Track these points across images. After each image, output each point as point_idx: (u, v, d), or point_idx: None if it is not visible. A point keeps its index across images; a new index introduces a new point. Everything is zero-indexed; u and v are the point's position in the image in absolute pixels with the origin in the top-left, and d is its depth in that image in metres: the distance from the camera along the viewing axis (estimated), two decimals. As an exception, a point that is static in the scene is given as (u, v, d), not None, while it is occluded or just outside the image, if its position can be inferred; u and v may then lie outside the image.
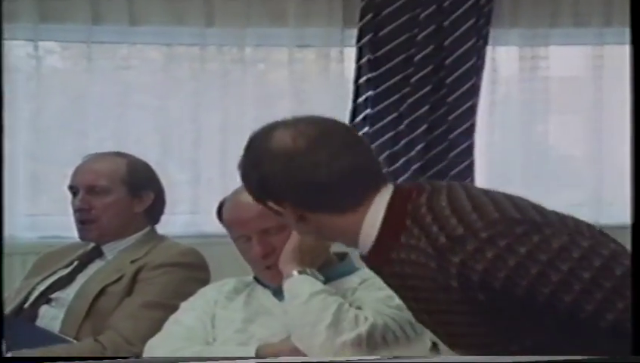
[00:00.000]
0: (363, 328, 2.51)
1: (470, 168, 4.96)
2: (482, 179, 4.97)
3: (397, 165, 4.94)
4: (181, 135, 4.83)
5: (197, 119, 4.83)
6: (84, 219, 3.12)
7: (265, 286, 2.79)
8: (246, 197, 2.66)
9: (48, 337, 2.96)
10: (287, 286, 2.62)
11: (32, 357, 2.42)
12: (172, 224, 3.81)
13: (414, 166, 4.93)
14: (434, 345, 2.77)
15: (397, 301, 2.58)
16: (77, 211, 3.12)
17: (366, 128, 4.93)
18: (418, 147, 4.94)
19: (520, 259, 2.02)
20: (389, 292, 2.60)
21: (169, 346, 2.70)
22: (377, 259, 2.22)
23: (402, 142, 4.95)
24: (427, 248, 2.09)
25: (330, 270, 2.75)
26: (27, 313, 3.07)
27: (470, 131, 4.98)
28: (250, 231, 2.68)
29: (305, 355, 2.56)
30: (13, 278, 3.35)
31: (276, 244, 2.67)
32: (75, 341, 2.95)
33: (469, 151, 4.97)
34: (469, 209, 2.09)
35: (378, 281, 2.67)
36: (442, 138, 4.96)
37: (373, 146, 4.89)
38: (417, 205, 2.16)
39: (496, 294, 2.05)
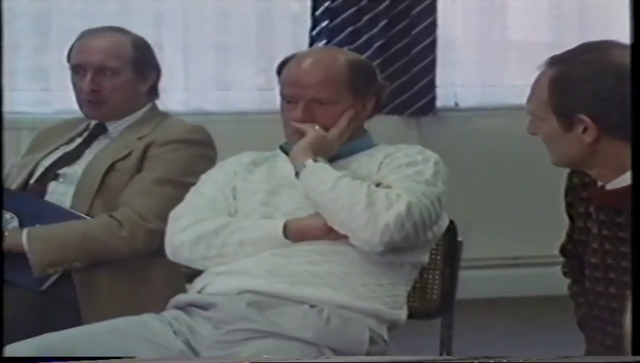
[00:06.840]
0: (401, 206, 2.52)
1: (432, 45, 5.02)
2: (442, 55, 5.05)
3: (360, 41, 4.97)
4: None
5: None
6: (92, 100, 3.09)
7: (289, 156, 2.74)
8: (313, 62, 2.66)
9: (60, 213, 2.97)
10: (305, 174, 2.62)
11: (32, 357, 2.41)
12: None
13: (378, 43, 4.97)
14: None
15: (425, 176, 2.60)
16: (86, 92, 3.08)
17: (327, 2, 4.94)
18: (381, 24, 4.97)
19: None
20: (418, 167, 2.63)
21: (194, 216, 2.70)
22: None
23: (365, 18, 4.97)
24: None
25: (356, 143, 2.75)
26: (34, 189, 3.06)
27: (432, 6, 5.02)
28: (301, 95, 2.67)
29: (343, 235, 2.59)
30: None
31: (318, 117, 2.67)
32: (88, 217, 2.97)
33: (432, 28, 5.02)
34: None
35: (402, 155, 2.68)
36: (405, 13, 5.00)
37: (336, 21, 4.94)
38: None
39: None
